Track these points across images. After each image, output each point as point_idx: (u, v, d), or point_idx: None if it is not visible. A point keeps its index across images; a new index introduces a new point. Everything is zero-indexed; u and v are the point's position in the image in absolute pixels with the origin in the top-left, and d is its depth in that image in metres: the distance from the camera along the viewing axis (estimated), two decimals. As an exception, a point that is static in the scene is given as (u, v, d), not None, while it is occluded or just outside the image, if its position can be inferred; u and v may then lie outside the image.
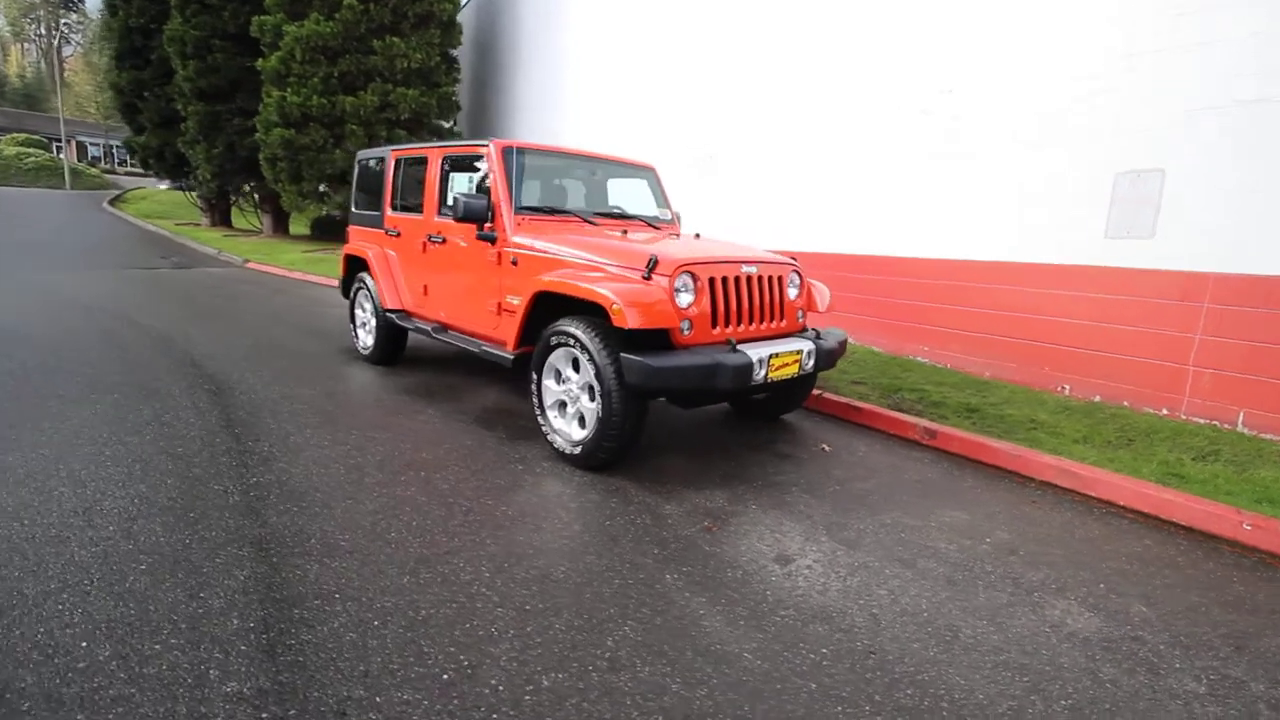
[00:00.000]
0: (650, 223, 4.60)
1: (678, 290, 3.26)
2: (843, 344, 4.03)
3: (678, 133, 8.62)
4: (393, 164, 5.12)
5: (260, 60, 12.78)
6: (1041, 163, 5.10)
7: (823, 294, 4.15)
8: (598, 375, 3.20)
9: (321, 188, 13.40)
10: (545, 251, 3.76)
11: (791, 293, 3.91)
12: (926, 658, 2.09)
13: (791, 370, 3.59)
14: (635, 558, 2.57)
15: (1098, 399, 4.81)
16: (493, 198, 4.03)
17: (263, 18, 12.56)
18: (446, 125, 14.14)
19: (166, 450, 3.36)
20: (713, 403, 4.41)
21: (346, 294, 5.85)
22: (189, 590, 2.18)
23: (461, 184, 4.53)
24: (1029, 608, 2.41)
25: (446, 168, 4.56)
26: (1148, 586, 2.61)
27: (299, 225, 17.91)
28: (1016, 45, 5.26)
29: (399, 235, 5.03)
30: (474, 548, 2.57)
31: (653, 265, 3.26)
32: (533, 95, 13.20)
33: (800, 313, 3.98)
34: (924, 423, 4.20)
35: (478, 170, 4.31)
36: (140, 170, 27.88)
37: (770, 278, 3.75)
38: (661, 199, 4.91)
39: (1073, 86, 4.90)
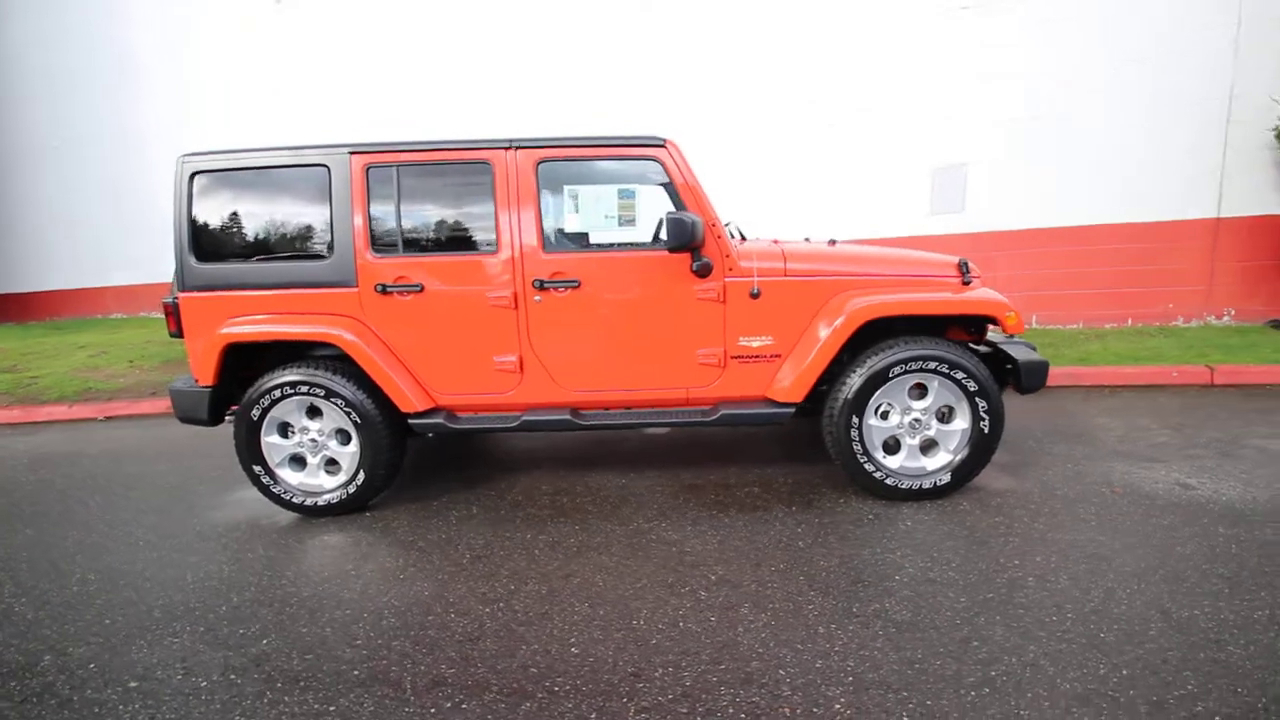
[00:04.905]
0: (741, 231, 4.12)
1: (980, 292, 3.27)
2: None
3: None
4: (360, 177, 3.06)
5: None
6: (878, 159, 6.53)
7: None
8: (981, 393, 2.97)
9: None
10: (812, 273, 3.13)
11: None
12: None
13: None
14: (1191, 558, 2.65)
15: (946, 330, 6.62)
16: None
17: None
18: None
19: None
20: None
21: (219, 418, 3.25)
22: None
23: (586, 203, 3.15)
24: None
25: (555, 177, 3.07)
26: None
27: None
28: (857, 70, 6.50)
29: (421, 290, 3.10)
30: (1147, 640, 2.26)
31: (966, 268, 3.18)
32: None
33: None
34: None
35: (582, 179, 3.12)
36: None
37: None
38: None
39: (901, 99, 6.41)
